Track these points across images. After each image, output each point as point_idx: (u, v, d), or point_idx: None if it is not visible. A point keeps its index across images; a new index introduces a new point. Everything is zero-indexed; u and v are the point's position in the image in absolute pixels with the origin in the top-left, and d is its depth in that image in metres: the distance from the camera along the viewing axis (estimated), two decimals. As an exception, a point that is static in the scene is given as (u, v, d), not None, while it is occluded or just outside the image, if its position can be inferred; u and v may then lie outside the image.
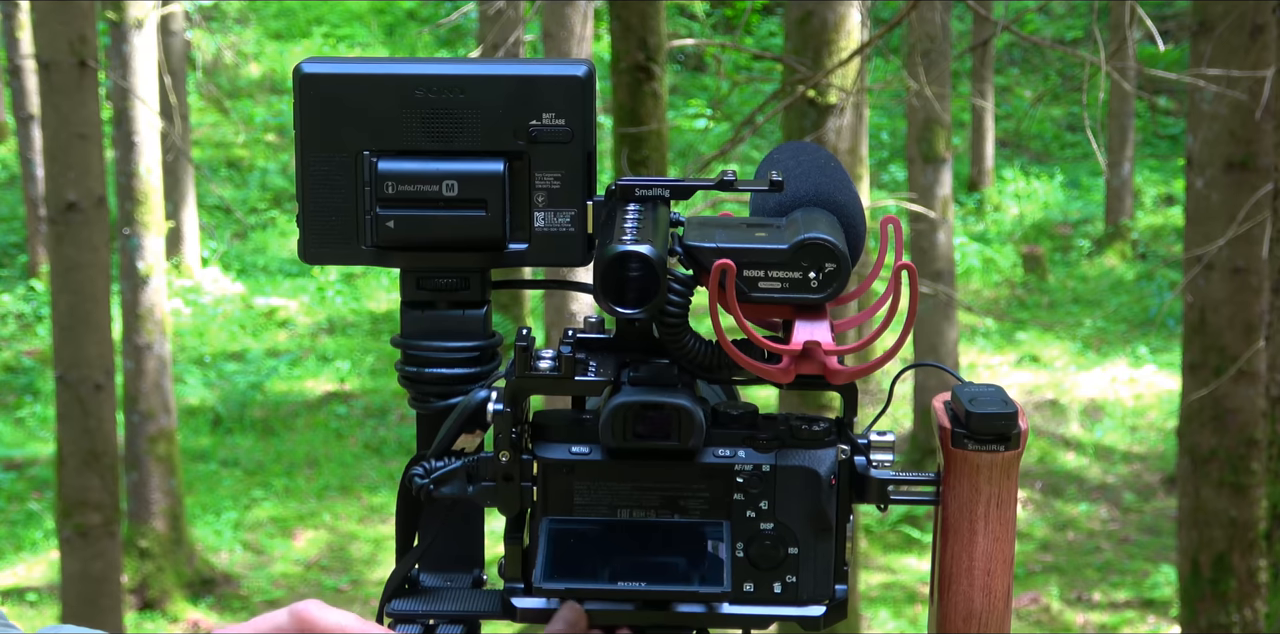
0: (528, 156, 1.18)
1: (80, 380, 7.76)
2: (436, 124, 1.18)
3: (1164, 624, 9.82)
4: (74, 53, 7.58)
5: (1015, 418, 1.14)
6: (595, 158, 1.20)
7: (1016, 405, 1.15)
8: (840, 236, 1.15)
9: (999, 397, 1.15)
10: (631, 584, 1.13)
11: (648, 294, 1.10)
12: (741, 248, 1.13)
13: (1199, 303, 7.38)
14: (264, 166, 17.91)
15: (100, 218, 7.72)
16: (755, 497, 1.16)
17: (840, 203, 1.19)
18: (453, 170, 1.18)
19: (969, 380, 1.20)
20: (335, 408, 13.22)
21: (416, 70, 1.19)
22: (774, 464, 1.16)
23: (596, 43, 14.45)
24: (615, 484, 1.17)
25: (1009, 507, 1.16)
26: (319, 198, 1.21)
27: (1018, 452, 1.14)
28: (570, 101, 1.17)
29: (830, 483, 1.16)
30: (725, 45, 15.11)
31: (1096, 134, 7.35)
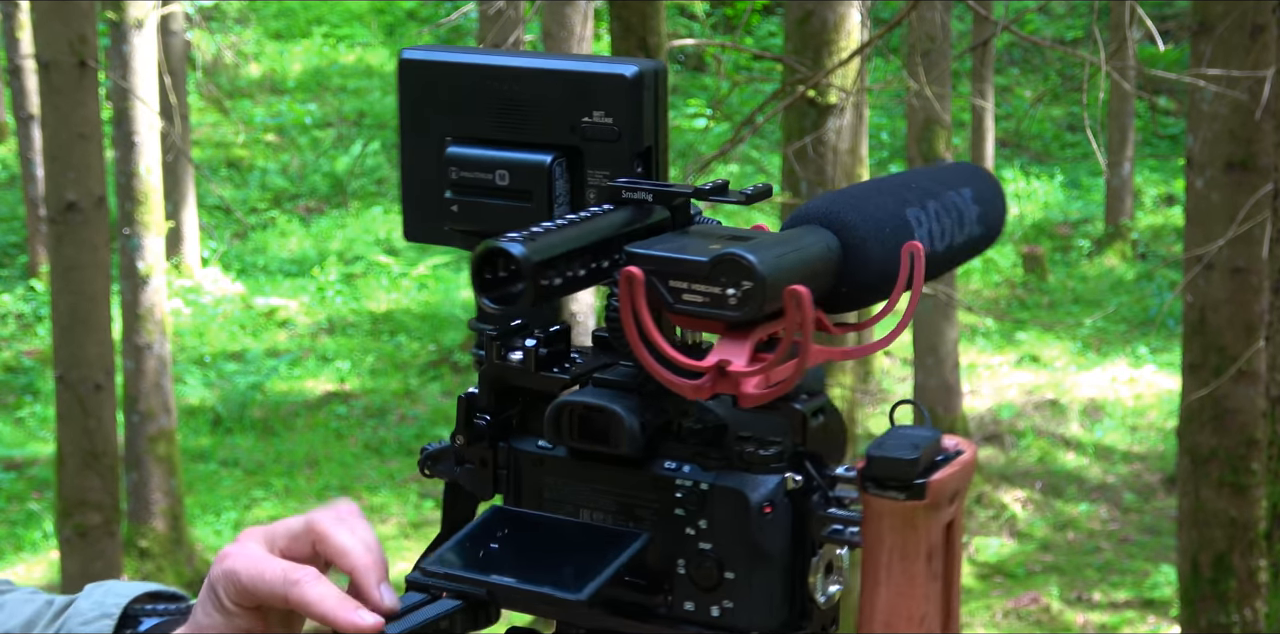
0: (581, 153, 1.20)
1: (80, 380, 7.76)
2: (505, 114, 1.21)
3: (1164, 624, 9.82)
4: (74, 53, 7.58)
5: (914, 465, 1.06)
6: (654, 159, 1.20)
7: (946, 455, 1.08)
8: (800, 255, 1.10)
9: (918, 442, 1.07)
10: (504, 579, 1.13)
11: (512, 291, 1.10)
12: (665, 256, 1.10)
13: (1199, 303, 7.37)
14: (264, 166, 17.91)
15: (100, 218, 7.72)
16: (694, 514, 1.13)
17: (846, 222, 1.14)
18: (505, 160, 1.20)
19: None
20: (335, 408, 13.22)
21: (489, 61, 1.23)
22: (712, 483, 1.13)
23: (596, 43, 14.46)
24: (578, 484, 1.17)
25: (914, 560, 1.08)
26: (412, 179, 1.28)
27: (923, 503, 1.06)
28: (618, 100, 1.18)
29: (763, 510, 1.12)
30: (725, 45, 15.11)
31: (1096, 134, 7.35)
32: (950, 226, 1.19)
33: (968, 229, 1.21)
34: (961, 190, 1.22)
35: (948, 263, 1.21)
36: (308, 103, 19.09)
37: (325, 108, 18.97)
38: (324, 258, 15.88)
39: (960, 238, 1.20)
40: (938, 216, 1.18)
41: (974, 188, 1.24)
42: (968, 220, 1.21)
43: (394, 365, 14.00)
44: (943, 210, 1.19)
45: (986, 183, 1.26)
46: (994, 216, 1.25)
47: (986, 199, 1.24)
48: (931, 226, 1.18)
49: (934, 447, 1.08)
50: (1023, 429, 12.42)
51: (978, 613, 10.04)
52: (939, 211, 1.19)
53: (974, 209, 1.22)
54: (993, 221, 1.25)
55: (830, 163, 6.88)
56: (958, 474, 1.09)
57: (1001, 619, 9.98)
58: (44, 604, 1.46)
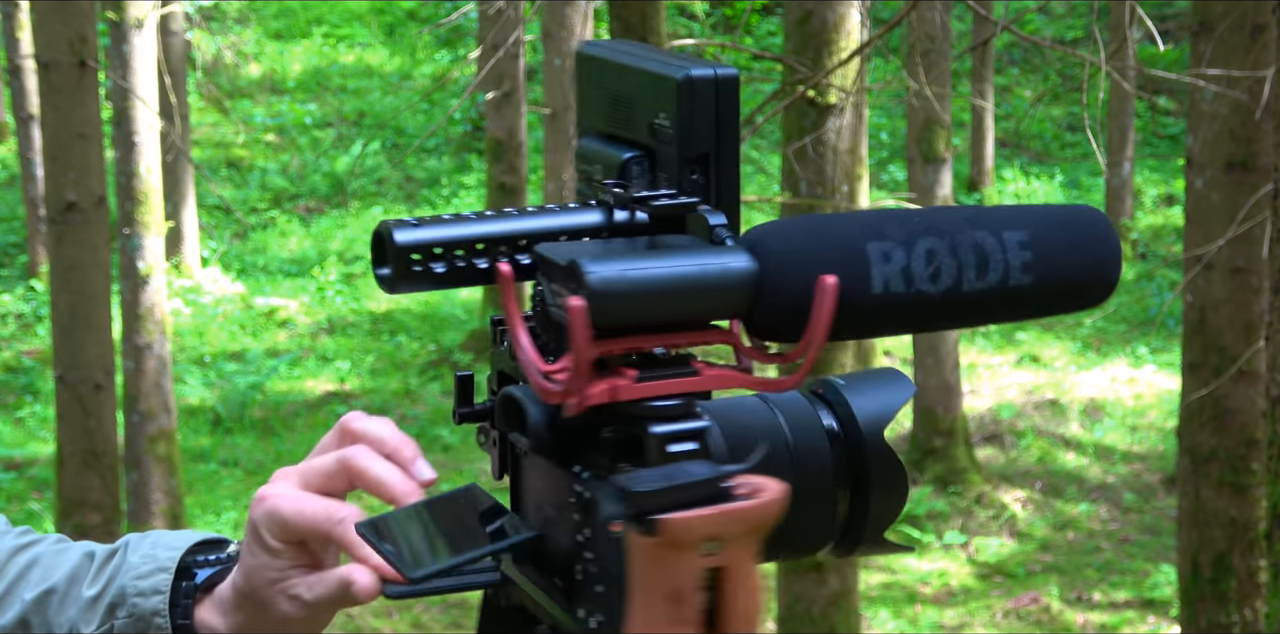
0: (654, 153, 1.20)
1: (80, 380, 7.76)
2: (613, 109, 1.23)
3: (1164, 624, 9.82)
4: (74, 53, 7.58)
5: (640, 499, 1.02)
6: (712, 167, 1.18)
7: (713, 494, 1.03)
8: (659, 274, 1.07)
9: (678, 477, 1.03)
10: (386, 546, 1.18)
11: (380, 272, 1.16)
12: (544, 257, 1.11)
13: (1199, 303, 7.37)
14: (264, 166, 17.91)
15: (100, 218, 7.72)
16: (580, 522, 1.12)
17: (768, 247, 1.10)
18: (599, 153, 1.22)
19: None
20: (335, 408, 13.22)
21: (595, 52, 1.25)
22: (592, 493, 1.11)
23: (596, 43, 14.45)
24: (533, 476, 1.19)
25: (654, 600, 1.03)
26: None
27: (657, 540, 1.02)
28: (674, 103, 1.18)
29: (608, 526, 1.08)
30: (725, 45, 15.10)
31: (1096, 134, 7.35)
32: (955, 269, 1.10)
33: (995, 276, 1.11)
34: (1005, 233, 1.12)
35: (953, 310, 1.12)
36: (308, 103, 19.09)
37: (325, 108, 18.97)
38: (324, 258, 15.88)
39: (978, 284, 1.11)
40: (932, 256, 1.10)
41: (1032, 232, 1.13)
42: (995, 265, 1.11)
43: (394, 365, 14.00)
44: (948, 250, 1.11)
45: (1060, 229, 1.14)
46: (1059, 267, 1.13)
47: (1050, 247, 1.13)
48: (912, 265, 1.10)
49: (705, 484, 1.03)
50: (1023, 429, 12.42)
51: (978, 613, 10.04)
52: (941, 251, 1.10)
53: (1018, 255, 1.12)
54: (1057, 273, 1.13)
55: (830, 163, 6.88)
56: (712, 518, 1.03)
57: (1001, 619, 9.98)
58: (83, 557, 1.45)
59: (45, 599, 1.43)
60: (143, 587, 1.39)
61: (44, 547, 1.48)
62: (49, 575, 1.44)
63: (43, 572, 1.45)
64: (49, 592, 1.43)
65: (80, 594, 1.42)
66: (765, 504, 1.04)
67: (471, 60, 11.41)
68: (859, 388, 1.18)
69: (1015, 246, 1.12)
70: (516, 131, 12.17)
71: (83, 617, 1.42)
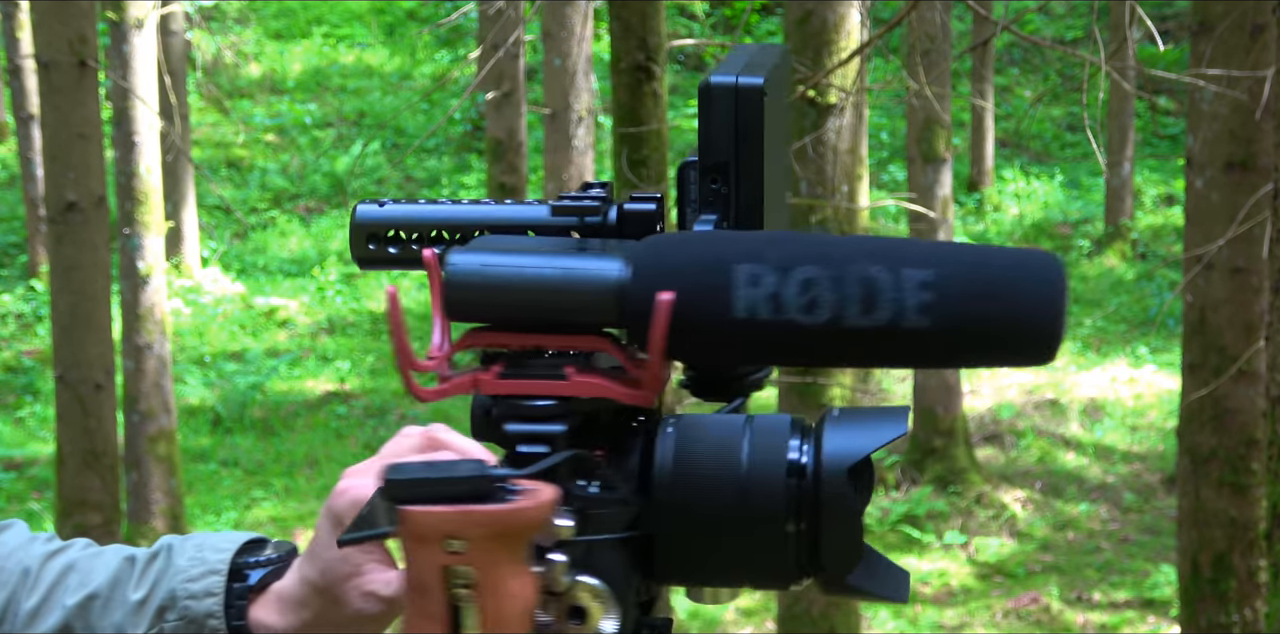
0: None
1: (80, 380, 7.76)
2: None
3: (1164, 624, 9.82)
4: (74, 53, 7.58)
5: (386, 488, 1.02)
6: (732, 176, 1.16)
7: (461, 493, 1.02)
8: (521, 272, 1.08)
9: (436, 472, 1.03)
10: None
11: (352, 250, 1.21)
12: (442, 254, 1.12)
13: (1199, 303, 7.37)
14: (264, 166, 17.91)
15: (100, 218, 7.73)
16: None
17: (638, 256, 1.08)
18: (686, 161, 1.22)
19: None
20: (335, 408, 13.22)
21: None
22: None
23: (596, 43, 14.46)
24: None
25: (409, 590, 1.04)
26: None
27: (398, 531, 1.02)
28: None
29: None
30: (725, 45, 15.10)
31: (1096, 134, 7.35)
32: (835, 302, 1.04)
33: (885, 314, 1.04)
34: (905, 270, 1.04)
35: (833, 345, 1.05)
36: (308, 103, 19.09)
37: (325, 108, 18.97)
38: (324, 258, 15.88)
39: (862, 321, 1.04)
40: (809, 285, 1.04)
41: (938, 272, 1.04)
42: (885, 303, 1.04)
43: (394, 365, 13.99)
44: (830, 281, 1.04)
45: (972, 271, 1.05)
46: (963, 314, 1.04)
47: (955, 290, 1.04)
48: (784, 292, 1.04)
49: (463, 482, 1.02)
50: (1023, 429, 12.42)
51: (978, 613, 10.04)
52: (821, 281, 1.04)
53: (915, 295, 1.04)
54: (961, 319, 1.04)
55: (830, 163, 6.88)
56: (449, 516, 1.02)
57: (1001, 619, 9.98)
58: (123, 561, 1.45)
59: (88, 604, 1.43)
60: (194, 589, 1.40)
61: (76, 552, 1.48)
62: (88, 580, 1.44)
63: (81, 577, 1.45)
64: (91, 597, 1.43)
65: (125, 598, 1.42)
66: (512, 510, 1.03)
67: (471, 60, 11.41)
68: (846, 422, 1.11)
69: (914, 285, 1.04)
70: (516, 131, 12.17)
71: (129, 620, 1.41)
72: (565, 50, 9.72)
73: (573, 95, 9.68)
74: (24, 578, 1.45)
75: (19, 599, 1.45)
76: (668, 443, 1.12)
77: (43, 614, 1.44)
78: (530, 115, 13.73)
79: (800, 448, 1.10)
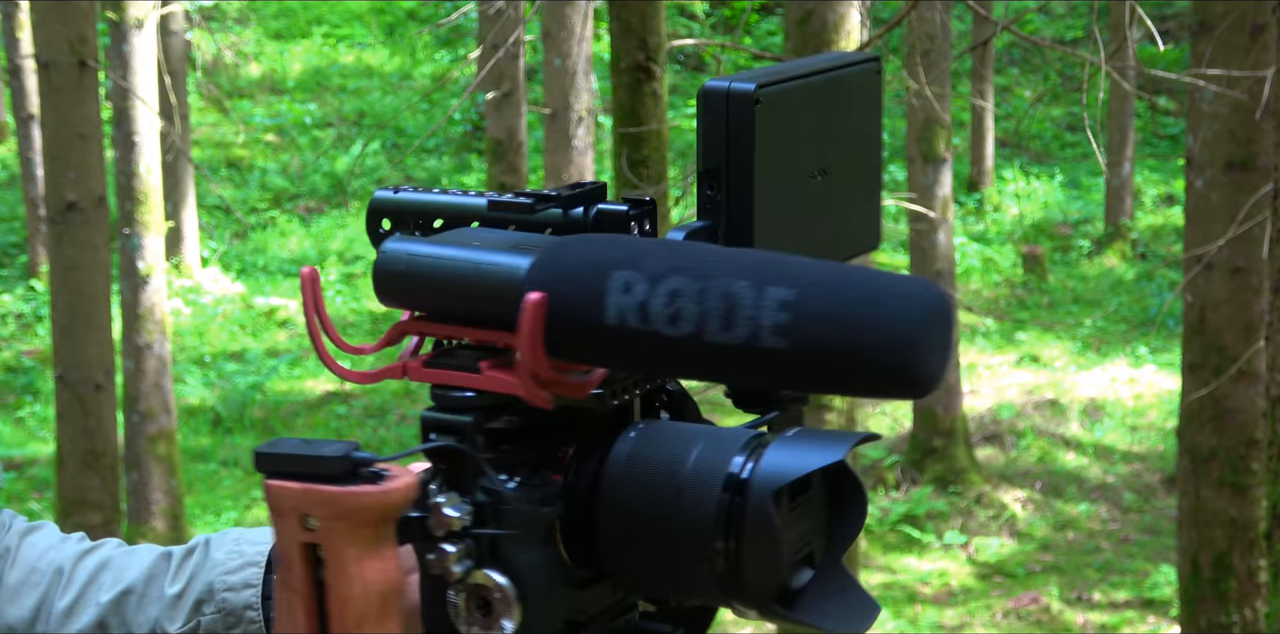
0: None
1: (80, 380, 7.76)
2: None
3: (1164, 624, 9.82)
4: (74, 53, 7.58)
5: (257, 459, 1.05)
6: (724, 183, 1.15)
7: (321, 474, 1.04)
8: (439, 263, 1.11)
9: (313, 450, 1.05)
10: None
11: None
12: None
13: (1199, 303, 7.37)
14: (264, 166, 17.91)
15: (100, 218, 7.73)
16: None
17: (540, 254, 1.08)
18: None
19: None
20: (335, 408, 13.23)
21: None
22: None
23: (596, 43, 14.46)
24: None
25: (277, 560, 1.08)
26: None
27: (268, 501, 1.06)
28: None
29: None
30: (725, 45, 15.10)
31: (1096, 134, 7.35)
32: (698, 316, 1.01)
33: (742, 333, 1.01)
34: (769, 287, 1.01)
35: (695, 360, 1.03)
36: (308, 103, 19.09)
37: (325, 108, 18.98)
38: (324, 258, 15.88)
39: (722, 337, 1.01)
40: (675, 297, 1.02)
41: (800, 292, 1.01)
42: (743, 321, 1.01)
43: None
44: (695, 294, 1.02)
45: (831, 295, 1.00)
46: (816, 338, 1.00)
47: (810, 313, 1.00)
48: (652, 302, 1.02)
49: (324, 462, 1.05)
50: (1023, 429, 12.42)
51: (978, 613, 10.04)
52: (687, 293, 1.02)
53: (773, 314, 1.00)
54: (814, 344, 1.00)
55: (830, 163, 6.87)
56: (294, 492, 1.05)
57: (1001, 619, 9.98)
58: (159, 557, 1.45)
59: (123, 600, 1.43)
60: (232, 581, 1.40)
61: (110, 550, 1.48)
62: (122, 576, 1.44)
63: (115, 574, 1.45)
64: (127, 592, 1.43)
65: (162, 592, 1.42)
66: (350, 493, 1.04)
67: (471, 60, 11.41)
68: (793, 443, 1.07)
69: (773, 304, 1.01)
70: (516, 131, 12.17)
71: (166, 615, 1.42)
72: (565, 50, 9.72)
73: (573, 95, 9.68)
74: (57, 577, 1.45)
75: (52, 599, 1.45)
76: (625, 446, 1.11)
77: (77, 612, 1.44)
78: (530, 115, 13.73)
79: (744, 464, 1.07)
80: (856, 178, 1.26)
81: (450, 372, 1.11)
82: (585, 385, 1.10)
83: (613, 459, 1.11)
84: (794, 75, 1.18)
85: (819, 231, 1.23)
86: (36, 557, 1.47)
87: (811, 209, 1.22)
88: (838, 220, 1.25)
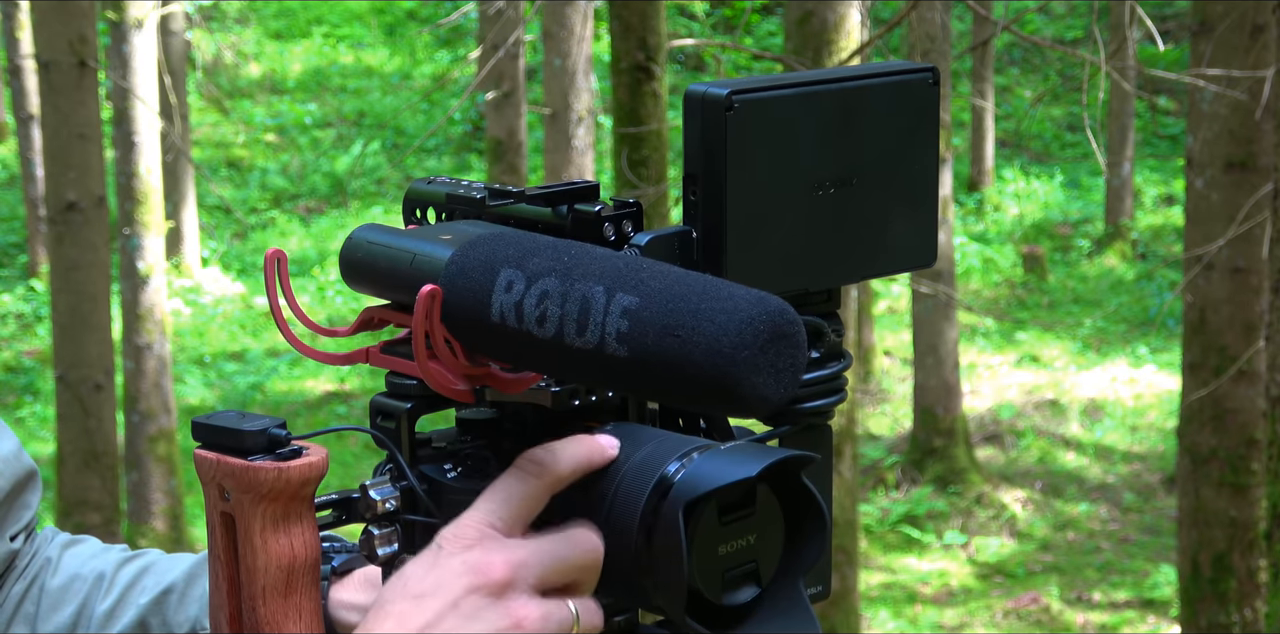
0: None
1: (80, 380, 7.76)
2: None
3: (1164, 624, 9.82)
4: (74, 53, 7.58)
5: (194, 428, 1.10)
6: (704, 188, 1.14)
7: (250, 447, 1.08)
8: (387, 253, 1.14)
9: (241, 423, 1.10)
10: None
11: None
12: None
13: (1199, 303, 7.37)
14: (264, 166, 17.91)
15: (100, 218, 7.73)
16: None
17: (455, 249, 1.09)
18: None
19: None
20: (335, 408, 13.23)
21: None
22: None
23: (596, 43, 14.46)
24: None
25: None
26: None
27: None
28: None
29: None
30: (725, 45, 15.11)
31: (1096, 134, 7.36)
32: (558, 318, 1.02)
33: (593, 338, 1.00)
34: (619, 293, 1.00)
35: (565, 363, 1.03)
36: (308, 103, 19.09)
37: (325, 108, 18.97)
38: (324, 258, 15.89)
39: (577, 341, 1.01)
40: (544, 298, 1.02)
41: (643, 300, 1.00)
42: (593, 326, 1.01)
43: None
44: (560, 296, 1.02)
45: (668, 303, 0.99)
46: (650, 349, 0.99)
47: (647, 321, 0.99)
48: (525, 302, 1.03)
49: (249, 436, 1.09)
50: (1023, 429, 12.42)
51: (978, 613, 10.04)
52: (554, 295, 1.02)
53: (616, 321, 1.00)
54: (650, 355, 0.99)
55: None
56: (209, 461, 1.09)
57: (1001, 619, 9.98)
58: (201, 559, 1.46)
59: (164, 599, 1.44)
60: None
61: (153, 556, 1.50)
62: (164, 578, 1.46)
63: (156, 577, 1.46)
64: (167, 591, 1.45)
65: (202, 591, 1.44)
66: (255, 467, 1.07)
67: (471, 60, 11.41)
68: (724, 455, 1.05)
69: (618, 312, 1.00)
70: (516, 131, 12.16)
71: (206, 614, 1.42)
72: (565, 50, 9.72)
73: (573, 95, 9.68)
74: (98, 582, 1.47)
75: (93, 603, 1.46)
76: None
77: (118, 614, 1.45)
78: (530, 115, 13.74)
79: (676, 470, 1.05)
80: (895, 190, 1.22)
81: (398, 359, 1.14)
82: (519, 382, 1.10)
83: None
84: (796, 83, 1.15)
85: (838, 245, 1.20)
86: (79, 565, 1.48)
87: (822, 221, 1.18)
88: (868, 234, 1.21)
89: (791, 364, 1.00)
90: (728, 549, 1.06)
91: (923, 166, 1.23)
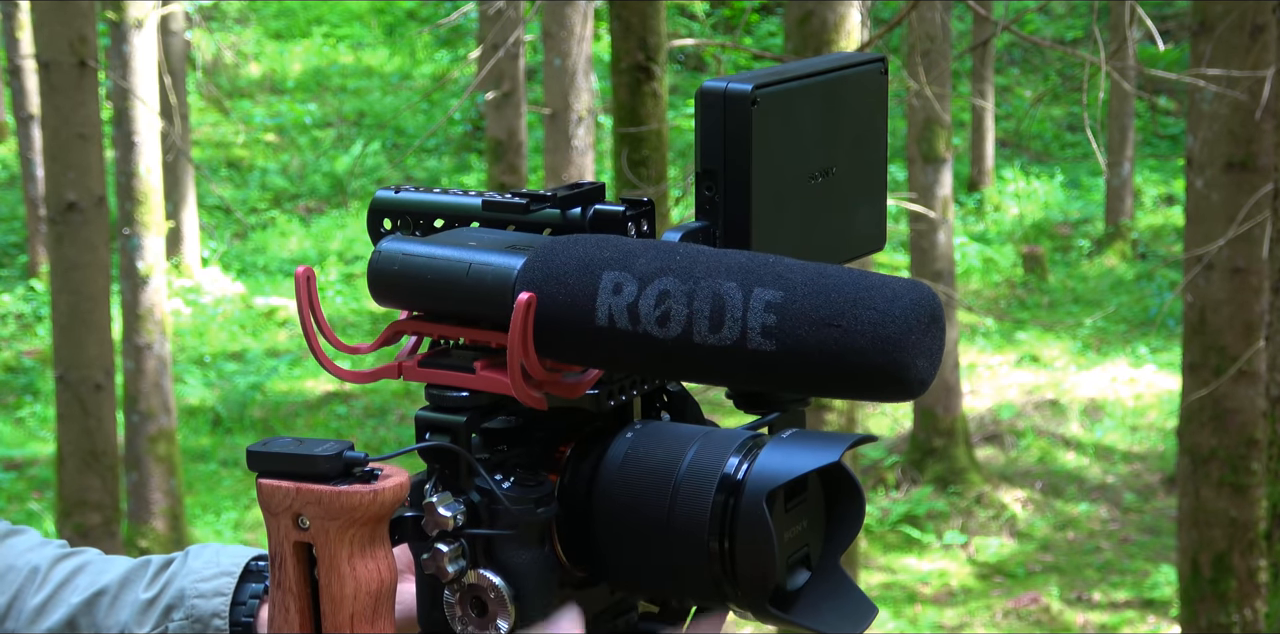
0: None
1: (80, 380, 7.76)
2: None
3: (1164, 624, 9.82)
4: (74, 53, 7.58)
5: (251, 458, 1.08)
6: (720, 184, 1.15)
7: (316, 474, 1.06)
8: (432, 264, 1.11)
9: (304, 449, 1.07)
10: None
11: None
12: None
13: (1199, 303, 7.37)
14: (264, 166, 17.91)
15: (100, 218, 7.72)
16: None
17: (531, 254, 1.08)
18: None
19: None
20: (335, 408, 13.22)
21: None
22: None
23: (596, 43, 14.46)
24: None
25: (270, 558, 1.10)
26: None
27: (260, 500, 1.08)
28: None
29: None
30: (725, 45, 15.11)
31: (1096, 134, 7.36)
32: (685, 317, 1.01)
33: (731, 334, 1.01)
34: (756, 289, 1.01)
35: (686, 362, 1.03)
36: (308, 103, 19.09)
37: (325, 108, 18.97)
38: (324, 258, 15.88)
39: (710, 338, 1.01)
40: (664, 298, 1.02)
41: (787, 294, 1.01)
42: (732, 322, 1.01)
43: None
44: (684, 295, 1.02)
45: (816, 297, 1.00)
46: (801, 340, 1.00)
47: (796, 314, 1.00)
48: (641, 303, 1.02)
49: (317, 461, 1.06)
50: (1023, 429, 12.42)
51: (978, 613, 10.04)
52: (676, 294, 1.02)
53: (760, 316, 1.00)
54: (800, 346, 1.00)
55: (830, 163, 6.87)
56: (286, 491, 1.06)
57: (1001, 619, 9.98)
58: (138, 563, 1.45)
59: (95, 601, 1.44)
60: (204, 589, 1.40)
61: (90, 555, 1.49)
62: (98, 579, 1.45)
63: (91, 577, 1.45)
64: (100, 594, 1.44)
65: (135, 597, 1.43)
66: (340, 492, 1.05)
67: (471, 60, 11.41)
68: (788, 445, 1.06)
69: (760, 307, 1.01)
70: (516, 131, 12.16)
71: (135, 619, 1.42)
72: (565, 50, 9.72)
73: (573, 95, 9.67)
74: (32, 576, 1.46)
75: (24, 597, 1.45)
76: (622, 446, 1.11)
77: (48, 611, 1.44)
78: (530, 115, 13.74)
79: (738, 465, 1.07)
80: (860, 178, 1.25)
81: (445, 371, 1.11)
82: (579, 386, 1.10)
83: (609, 459, 1.10)
84: (794, 76, 1.16)
85: (822, 233, 1.22)
86: (14, 557, 1.47)
87: (813, 210, 1.21)
88: (842, 221, 1.24)
89: (941, 347, 1.03)
90: (790, 535, 1.09)
91: (878, 154, 1.26)
